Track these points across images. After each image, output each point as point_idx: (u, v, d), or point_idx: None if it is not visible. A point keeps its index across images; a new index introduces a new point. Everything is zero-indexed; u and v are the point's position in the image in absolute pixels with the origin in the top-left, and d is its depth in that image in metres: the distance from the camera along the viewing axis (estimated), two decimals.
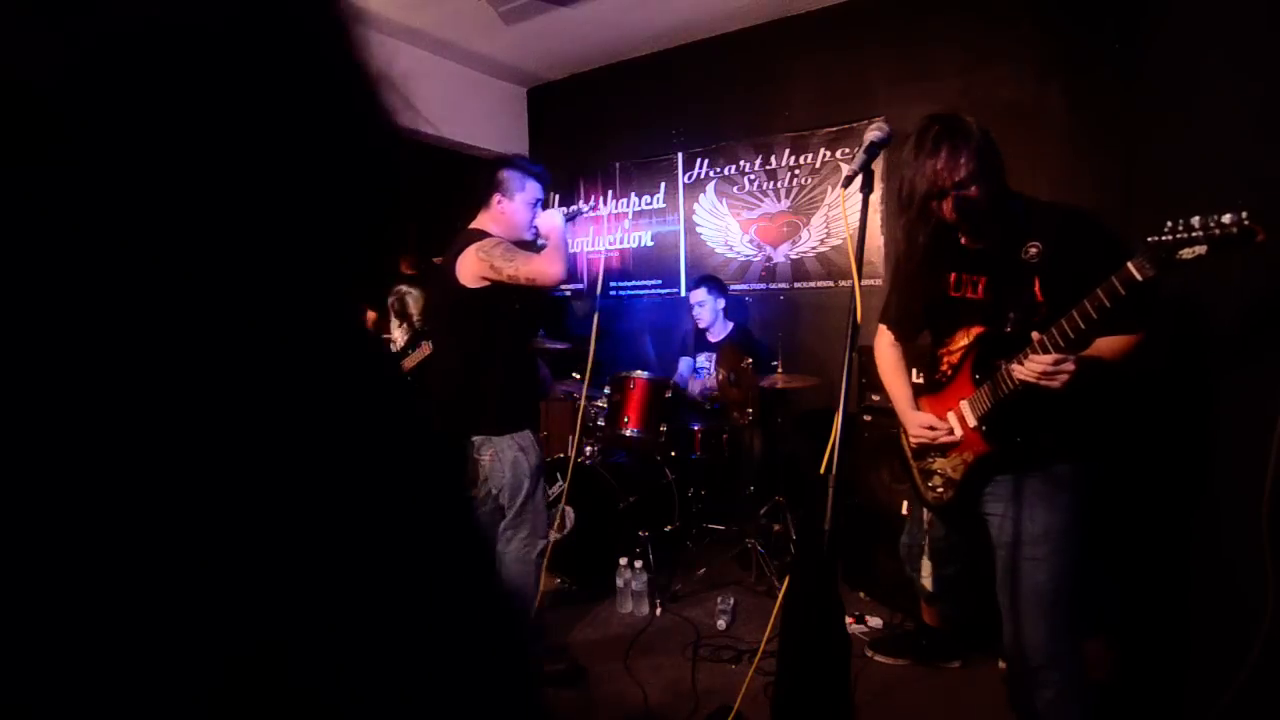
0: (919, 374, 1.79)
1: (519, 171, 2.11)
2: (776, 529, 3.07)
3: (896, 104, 3.24)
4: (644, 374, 3.08)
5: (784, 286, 3.78)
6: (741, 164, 3.87)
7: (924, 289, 1.65)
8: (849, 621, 2.49)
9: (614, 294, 4.44)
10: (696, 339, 3.61)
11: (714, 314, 3.48)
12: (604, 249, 4.46)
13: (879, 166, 2.04)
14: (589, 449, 3.12)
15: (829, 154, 3.58)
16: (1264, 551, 1.36)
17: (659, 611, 2.70)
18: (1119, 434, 2.08)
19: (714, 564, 3.00)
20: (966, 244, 1.61)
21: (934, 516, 1.90)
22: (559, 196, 2.25)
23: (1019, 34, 2.98)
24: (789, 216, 3.73)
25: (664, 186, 4.19)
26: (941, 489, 1.70)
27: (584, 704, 2.16)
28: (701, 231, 4.07)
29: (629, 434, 3.00)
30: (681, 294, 4.12)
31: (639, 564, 2.72)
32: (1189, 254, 1.20)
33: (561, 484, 2.71)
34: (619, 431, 3.01)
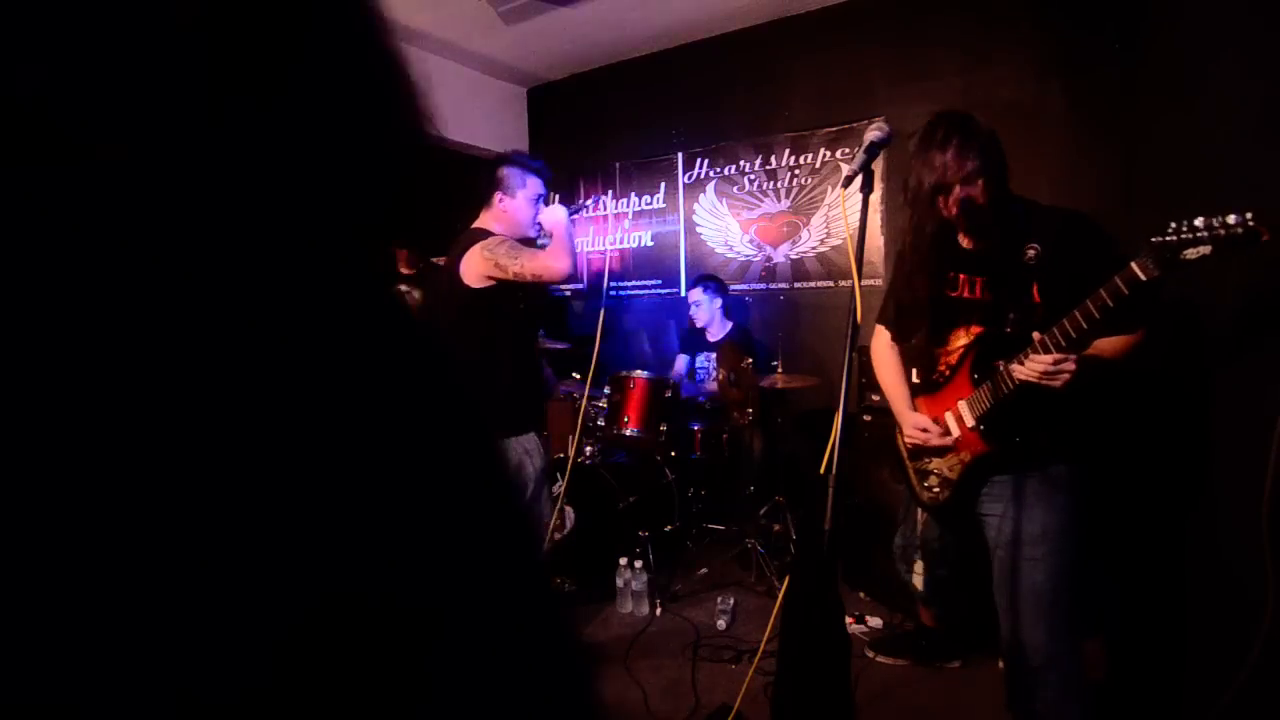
0: (918, 374, 1.79)
1: (519, 168, 2.08)
2: (776, 529, 3.07)
3: (896, 104, 3.25)
4: (644, 374, 3.08)
5: (784, 286, 3.78)
6: (741, 164, 3.87)
7: (925, 287, 1.65)
8: (849, 621, 2.49)
9: (614, 294, 4.44)
10: (696, 338, 3.61)
11: (711, 313, 3.48)
12: (604, 249, 4.47)
13: (879, 166, 2.04)
14: (589, 449, 3.12)
15: (829, 154, 3.58)
16: (1264, 551, 1.36)
17: (659, 611, 2.70)
18: (1118, 434, 2.08)
19: (714, 564, 3.00)
20: (966, 245, 1.61)
21: (928, 517, 1.90)
22: (559, 196, 2.24)
23: (1019, 34, 2.98)
24: (789, 216, 3.73)
25: (664, 186, 4.19)
26: (938, 489, 1.70)
27: None
28: (701, 231, 4.07)
29: (629, 434, 3.00)
30: (682, 294, 4.12)
31: (639, 564, 2.72)
32: (1193, 254, 1.20)
33: (560, 483, 2.71)
34: (619, 431, 3.01)
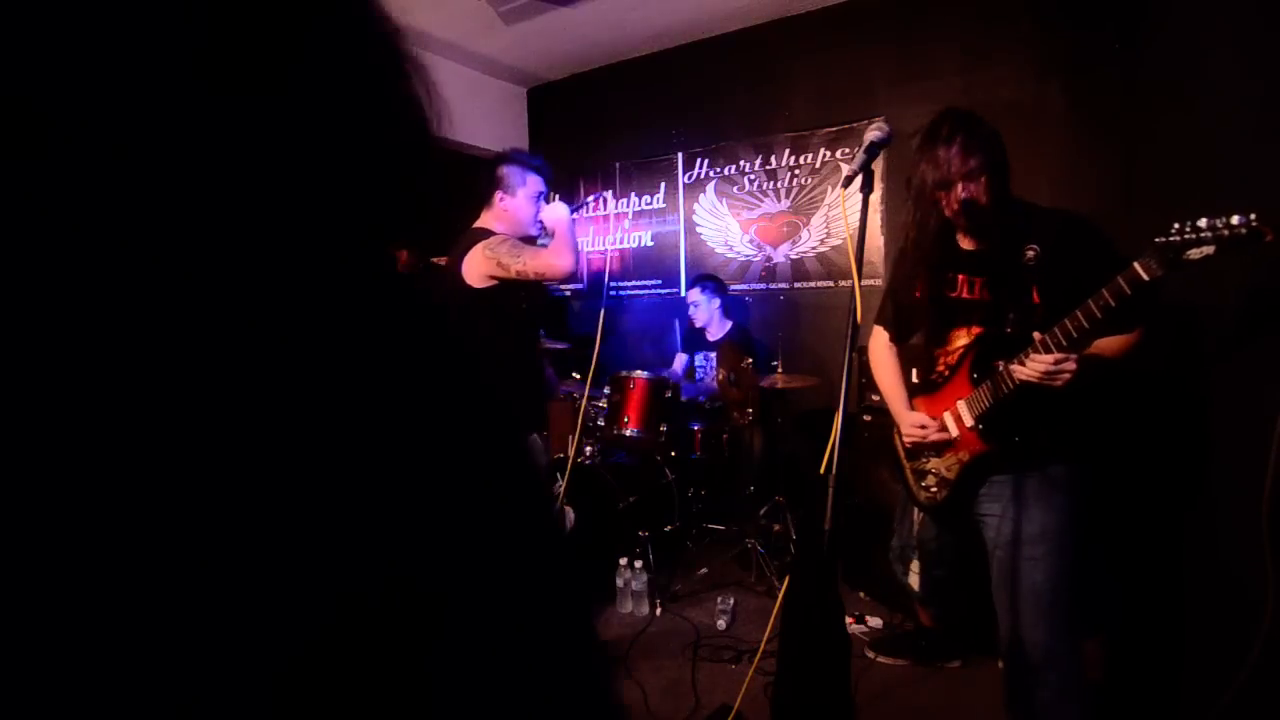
0: (916, 374, 1.79)
1: (519, 166, 2.06)
2: (776, 529, 3.07)
3: (896, 104, 3.25)
4: (644, 374, 3.08)
5: (784, 286, 3.77)
6: (741, 164, 3.87)
7: (925, 287, 1.65)
8: (849, 621, 2.49)
9: (614, 294, 4.44)
10: (696, 338, 3.61)
11: (710, 313, 3.48)
12: (604, 249, 4.46)
13: (879, 166, 2.04)
14: (589, 449, 3.12)
15: (829, 154, 3.58)
16: (1264, 551, 1.36)
17: (659, 611, 2.70)
18: (1117, 434, 2.08)
19: (714, 564, 3.00)
20: (966, 246, 1.61)
21: (925, 518, 1.90)
22: (559, 196, 2.23)
23: (1019, 34, 2.98)
24: (789, 216, 3.73)
25: (664, 186, 4.19)
26: (935, 489, 1.70)
27: None
28: (701, 231, 4.07)
29: (629, 434, 3.00)
30: (682, 294, 4.12)
31: (639, 564, 2.72)
32: (1196, 254, 1.21)
33: (560, 483, 2.71)
34: (619, 431, 3.01)
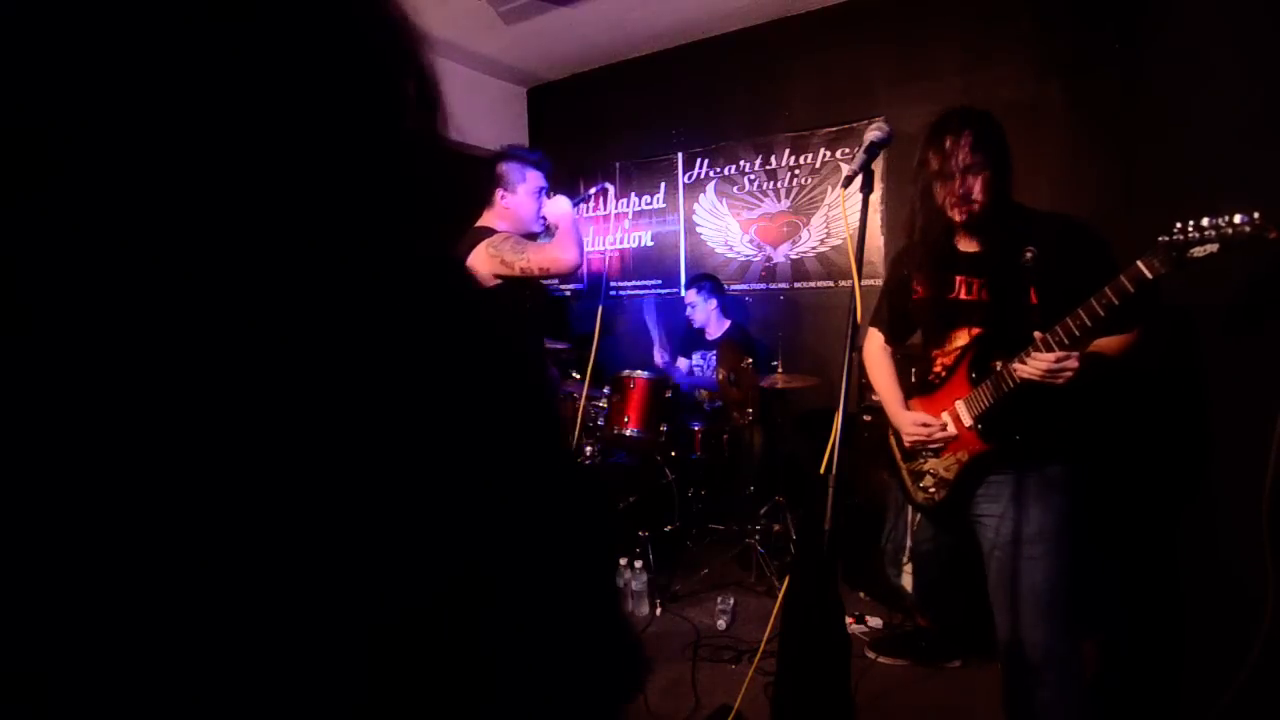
0: (914, 375, 1.80)
1: (518, 162, 2.05)
2: (776, 529, 3.07)
3: (896, 104, 3.25)
4: (644, 374, 3.08)
5: (784, 286, 3.77)
6: (741, 164, 3.87)
7: (927, 286, 1.66)
8: (849, 621, 2.49)
9: (614, 294, 4.44)
10: (695, 338, 3.61)
11: (707, 314, 3.48)
12: (604, 249, 4.46)
13: (879, 166, 2.04)
14: (589, 449, 3.12)
15: (829, 154, 3.58)
16: (1264, 550, 1.36)
17: (659, 611, 2.70)
18: (1117, 433, 2.08)
19: (714, 564, 3.00)
20: (965, 248, 1.62)
21: (921, 520, 1.90)
22: (561, 191, 2.23)
23: (1019, 34, 2.98)
24: (789, 216, 3.73)
25: (664, 186, 4.19)
26: (934, 489, 1.70)
27: None
28: (701, 231, 4.07)
29: (629, 434, 3.00)
30: (681, 294, 4.12)
31: (639, 564, 2.72)
32: (1200, 252, 1.22)
33: None
34: (619, 431, 3.01)
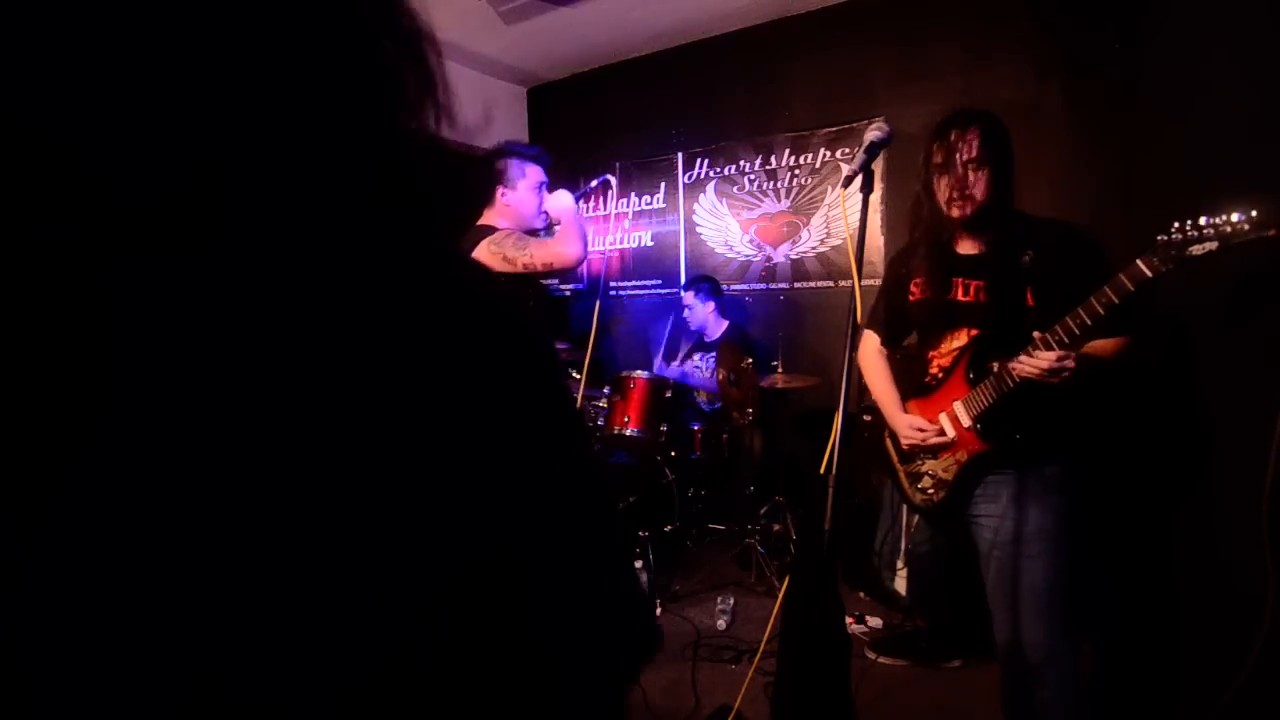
0: (911, 377, 1.80)
1: (516, 158, 2.02)
2: (776, 529, 3.07)
3: (896, 104, 3.25)
4: (644, 374, 3.08)
5: (784, 286, 3.77)
6: (741, 164, 3.87)
7: (928, 286, 1.66)
8: (849, 621, 2.49)
9: (614, 294, 4.44)
10: (695, 338, 3.61)
11: (705, 316, 3.49)
12: (604, 249, 4.46)
13: (879, 166, 2.04)
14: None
15: (829, 154, 3.58)
16: (1264, 550, 1.36)
17: (659, 611, 2.70)
18: (1116, 433, 2.08)
19: (714, 564, 3.00)
20: (964, 250, 1.62)
21: (919, 522, 1.90)
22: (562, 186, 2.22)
23: (1019, 34, 2.98)
24: (789, 216, 3.73)
25: (664, 186, 4.19)
26: (932, 490, 1.70)
27: None
28: (701, 231, 4.07)
29: (629, 434, 3.00)
30: (681, 294, 4.12)
31: (639, 564, 2.71)
32: (1199, 250, 1.23)
33: None
34: (619, 431, 3.01)
